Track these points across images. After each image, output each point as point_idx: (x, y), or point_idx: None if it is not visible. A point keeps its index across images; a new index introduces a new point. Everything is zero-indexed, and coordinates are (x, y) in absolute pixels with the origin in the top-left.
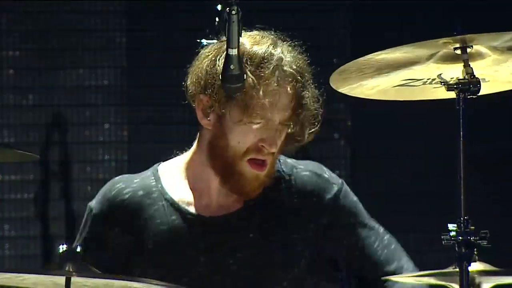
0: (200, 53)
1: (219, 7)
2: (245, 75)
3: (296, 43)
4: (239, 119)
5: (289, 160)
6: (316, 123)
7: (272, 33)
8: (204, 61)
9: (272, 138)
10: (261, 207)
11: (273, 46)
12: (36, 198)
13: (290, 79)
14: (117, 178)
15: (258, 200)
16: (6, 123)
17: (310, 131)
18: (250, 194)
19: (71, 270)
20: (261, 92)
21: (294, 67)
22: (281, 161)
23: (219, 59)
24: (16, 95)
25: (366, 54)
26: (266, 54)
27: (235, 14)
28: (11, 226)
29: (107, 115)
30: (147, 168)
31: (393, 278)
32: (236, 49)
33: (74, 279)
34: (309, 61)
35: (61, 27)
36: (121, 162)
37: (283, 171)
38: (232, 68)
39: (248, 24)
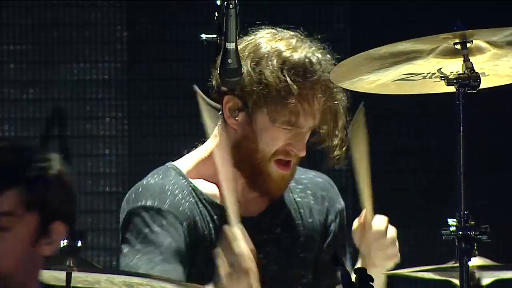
0: None
1: (218, 1)
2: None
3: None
4: (271, 124)
5: (300, 167)
6: (345, 131)
7: (301, 33)
8: None
9: (301, 144)
10: (285, 205)
11: (310, 53)
12: None
13: (323, 88)
14: (150, 182)
15: (281, 198)
16: (6, 117)
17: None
18: (276, 194)
19: (72, 265)
20: (295, 99)
21: (327, 74)
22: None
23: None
24: (16, 89)
25: (366, 49)
26: (303, 61)
27: (232, 8)
28: None
29: (107, 109)
30: (148, 161)
31: (395, 272)
32: (234, 43)
33: (75, 274)
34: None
35: (61, 21)
36: (122, 156)
37: (297, 174)
38: (230, 62)
39: (249, 19)
